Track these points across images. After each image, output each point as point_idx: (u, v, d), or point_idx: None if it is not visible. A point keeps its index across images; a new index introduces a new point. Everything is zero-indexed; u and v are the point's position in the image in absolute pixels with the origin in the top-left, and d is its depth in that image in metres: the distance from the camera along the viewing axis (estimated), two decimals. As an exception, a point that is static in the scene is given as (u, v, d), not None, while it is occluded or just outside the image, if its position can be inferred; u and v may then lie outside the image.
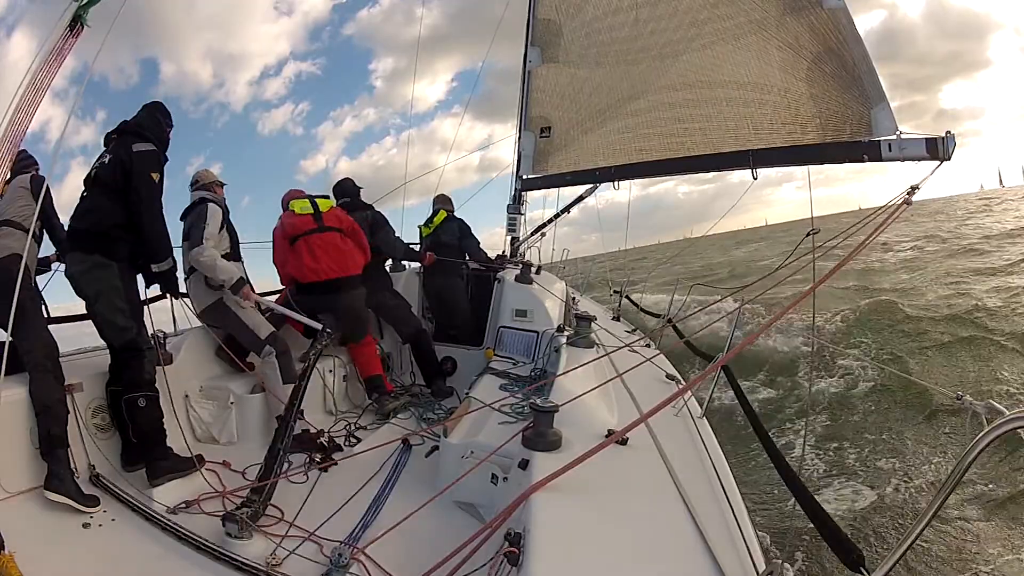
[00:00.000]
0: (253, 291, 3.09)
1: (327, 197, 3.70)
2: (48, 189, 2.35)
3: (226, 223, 3.10)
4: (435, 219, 4.70)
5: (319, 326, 3.10)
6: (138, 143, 2.50)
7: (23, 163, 2.56)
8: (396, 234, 4.20)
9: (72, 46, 1.72)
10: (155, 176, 2.49)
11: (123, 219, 2.46)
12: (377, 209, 4.21)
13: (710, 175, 4.79)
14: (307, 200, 3.53)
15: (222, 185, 3.26)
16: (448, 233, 4.57)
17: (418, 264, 4.58)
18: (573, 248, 6.30)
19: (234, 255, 3.16)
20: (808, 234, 2.71)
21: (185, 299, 3.04)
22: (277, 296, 3.60)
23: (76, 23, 1.71)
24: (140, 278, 2.61)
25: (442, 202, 4.87)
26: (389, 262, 4.57)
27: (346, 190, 4.17)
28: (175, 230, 3.09)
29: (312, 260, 3.41)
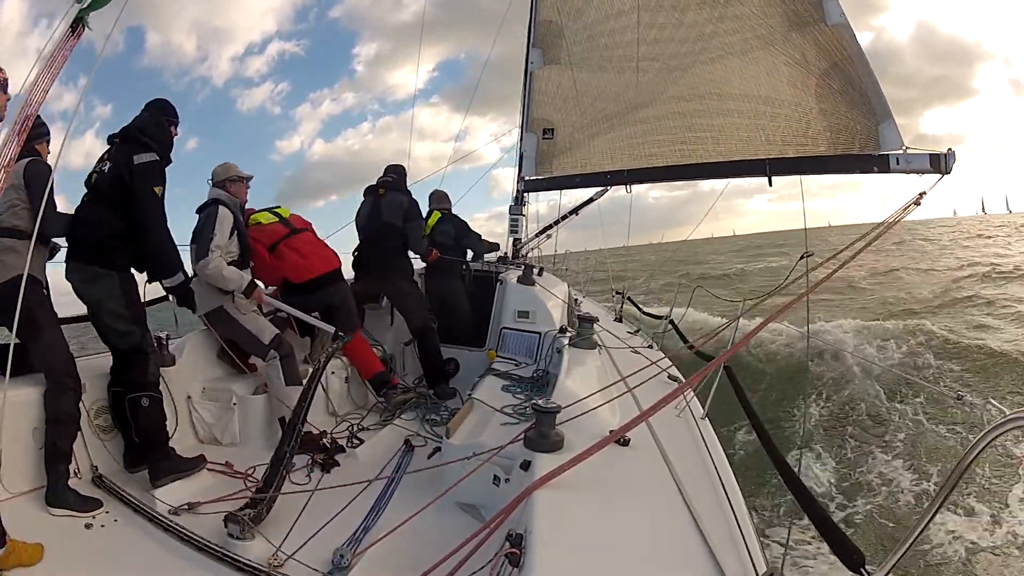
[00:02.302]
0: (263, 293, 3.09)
1: (277, 207, 3.66)
2: (52, 182, 2.16)
3: (237, 228, 3.02)
4: (429, 221, 4.65)
5: (331, 329, 3.10)
6: (139, 153, 2.41)
7: (36, 131, 2.29)
8: (424, 232, 4.15)
9: (73, 46, 1.73)
10: (157, 190, 2.43)
11: (122, 230, 2.40)
12: (414, 197, 4.15)
13: (682, 182, 4.93)
14: (264, 211, 3.53)
15: (243, 179, 3.16)
16: (443, 234, 4.55)
17: (421, 264, 4.58)
18: (547, 244, 6.42)
19: (243, 261, 3.08)
20: (802, 256, 2.87)
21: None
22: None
23: (77, 25, 1.72)
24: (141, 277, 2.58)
25: (436, 201, 4.81)
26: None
27: (396, 170, 4.17)
28: (186, 226, 3.03)
29: (301, 258, 3.41)
